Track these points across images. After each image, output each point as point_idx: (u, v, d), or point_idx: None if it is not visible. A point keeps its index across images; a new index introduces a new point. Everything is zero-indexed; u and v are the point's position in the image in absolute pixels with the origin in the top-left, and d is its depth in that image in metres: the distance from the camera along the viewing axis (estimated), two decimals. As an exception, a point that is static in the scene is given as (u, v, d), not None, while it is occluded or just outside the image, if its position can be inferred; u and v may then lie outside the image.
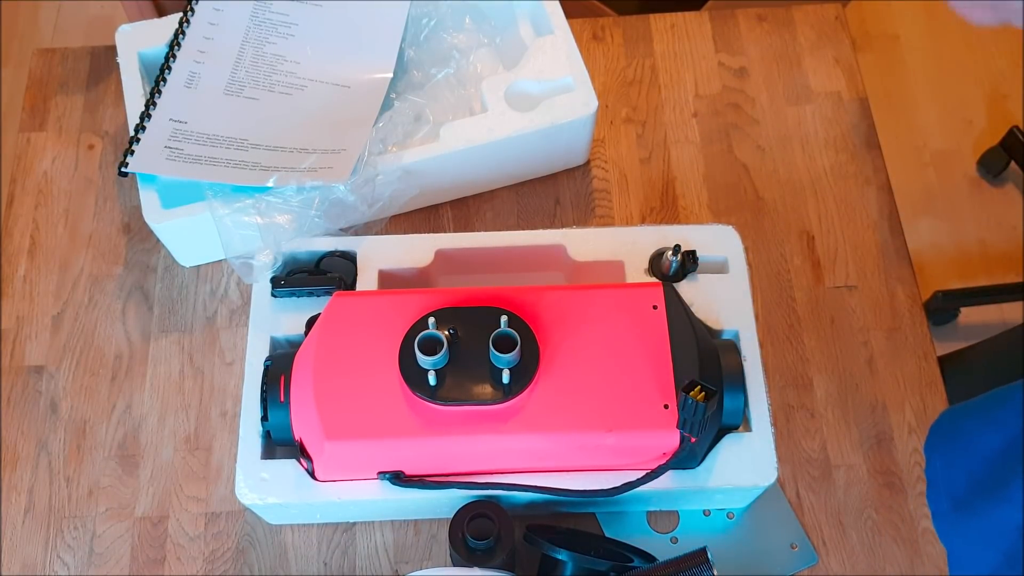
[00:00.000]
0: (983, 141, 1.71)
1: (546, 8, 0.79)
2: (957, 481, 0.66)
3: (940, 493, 0.68)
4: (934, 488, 0.68)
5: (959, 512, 0.65)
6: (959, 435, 0.67)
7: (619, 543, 0.65)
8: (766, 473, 0.63)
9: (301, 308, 0.68)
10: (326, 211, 0.70)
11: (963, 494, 0.65)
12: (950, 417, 0.70)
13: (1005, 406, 0.64)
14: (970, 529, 0.64)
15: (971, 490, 0.65)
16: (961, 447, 0.67)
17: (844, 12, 0.91)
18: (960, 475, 0.66)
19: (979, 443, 0.65)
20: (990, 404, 0.67)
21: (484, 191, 0.82)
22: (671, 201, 0.82)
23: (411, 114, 0.77)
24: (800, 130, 0.85)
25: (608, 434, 0.60)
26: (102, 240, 0.81)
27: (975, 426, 0.66)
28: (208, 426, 0.73)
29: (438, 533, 0.70)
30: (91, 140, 0.85)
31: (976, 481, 0.64)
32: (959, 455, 0.67)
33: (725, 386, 0.62)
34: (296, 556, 0.69)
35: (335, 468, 0.62)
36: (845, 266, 0.79)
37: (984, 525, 0.63)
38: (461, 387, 0.59)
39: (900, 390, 0.74)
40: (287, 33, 0.79)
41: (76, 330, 0.77)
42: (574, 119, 0.75)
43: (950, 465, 0.67)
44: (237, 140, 0.73)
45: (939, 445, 0.69)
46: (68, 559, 0.69)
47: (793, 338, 0.76)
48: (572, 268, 0.71)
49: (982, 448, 0.65)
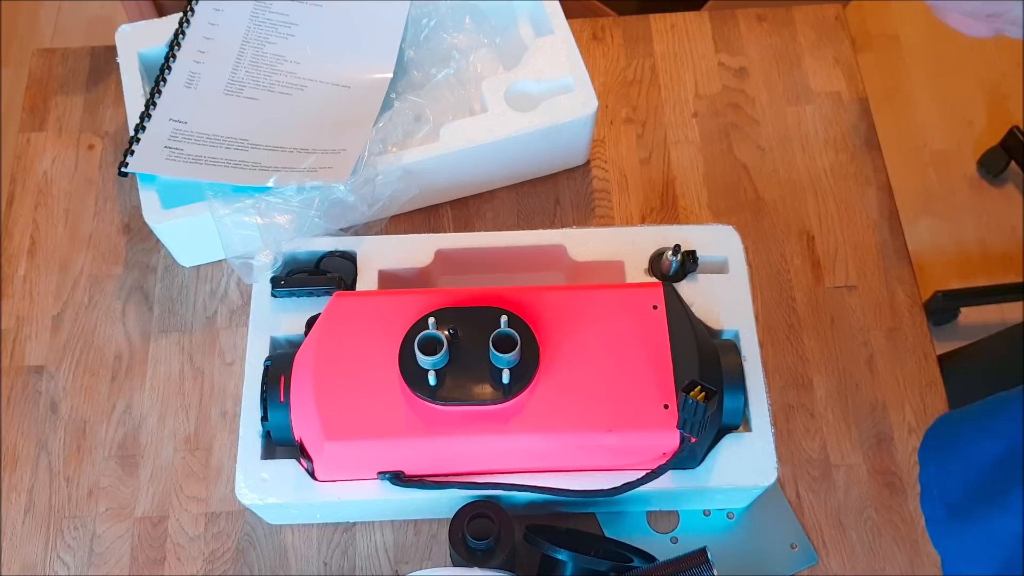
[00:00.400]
0: (983, 141, 1.71)
1: (546, 8, 0.79)
2: (953, 488, 0.66)
3: (935, 500, 0.67)
4: (928, 495, 0.68)
5: (954, 519, 0.65)
6: (956, 442, 0.67)
7: (619, 543, 0.65)
8: (766, 473, 0.63)
9: (301, 308, 0.68)
10: (326, 211, 0.70)
11: (959, 501, 0.65)
12: (946, 423, 0.70)
13: (1004, 414, 0.64)
14: (966, 537, 0.64)
15: (967, 497, 0.64)
16: (957, 454, 0.66)
17: (844, 12, 0.91)
18: (956, 482, 0.66)
19: (976, 451, 0.65)
20: (988, 411, 0.66)
21: (484, 191, 0.82)
22: (671, 201, 0.82)
23: (411, 114, 0.77)
24: (800, 130, 0.85)
25: (608, 434, 0.60)
26: (102, 240, 0.81)
27: (972, 433, 0.66)
28: (208, 426, 0.73)
29: (438, 533, 0.69)
30: (91, 140, 0.85)
31: (972, 489, 0.64)
32: (955, 462, 0.66)
33: (725, 386, 0.62)
34: (296, 556, 0.69)
35: (335, 468, 0.62)
36: (845, 266, 0.79)
37: (981, 533, 0.62)
38: (461, 387, 0.59)
39: (900, 390, 0.74)
40: (287, 33, 0.79)
41: (76, 330, 0.77)
42: (574, 119, 0.75)
43: (945, 472, 0.67)
44: (237, 140, 0.73)
45: (934, 451, 0.69)
46: (68, 559, 0.69)
47: (793, 338, 0.76)
48: (572, 268, 0.71)
49: (979, 456, 0.64)
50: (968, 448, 0.66)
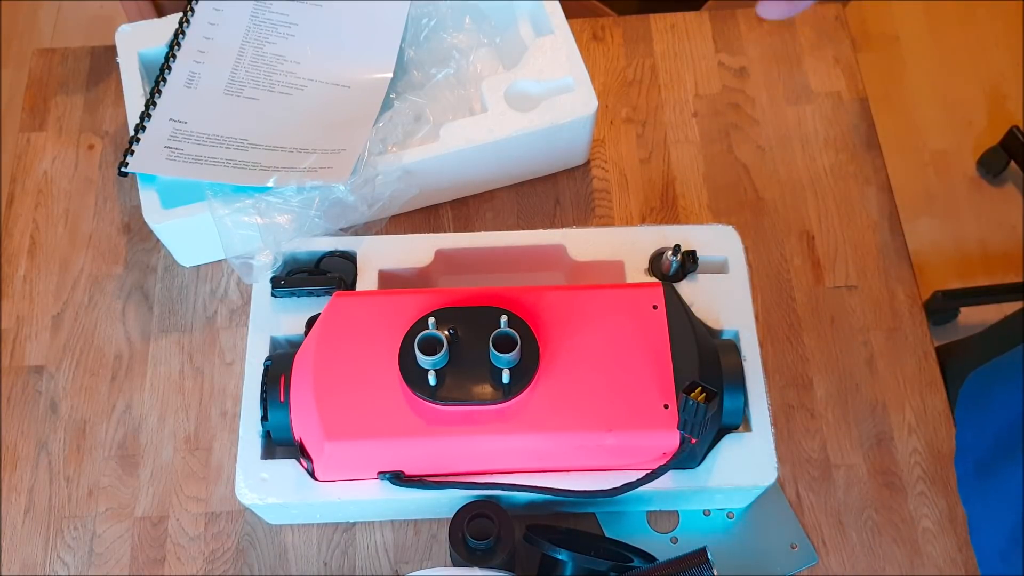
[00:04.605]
0: (983, 141, 1.72)
1: (546, 8, 0.79)
2: (984, 445, 0.66)
3: (967, 457, 0.67)
4: (962, 453, 0.67)
5: (981, 475, 0.65)
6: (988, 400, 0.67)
7: (619, 543, 0.65)
8: (766, 473, 0.63)
9: (301, 308, 0.68)
10: (326, 211, 0.70)
11: (986, 457, 0.65)
12: (979, 381, 0.69)
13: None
14: (989, 491, 0.63)
15: (994, 453, 0.64)
16: (990, 411, 0.66)
17: (844, 12, 0.91)
18: (987, 439, 0.65)
19: (1007, 406, 0.64)
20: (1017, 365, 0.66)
21: (484, 191, 0.82)
22: (671, 201, 0.82)
23: (411, 114, 0.77)
24: (800, 130, 0.85)
25: (608, 434, 0.60)
26: (102, 240, 0.81)
27: (1004, 390, 0.66)
28: (208, 426, 0.73)
29: (438, 533, 0.70)
30: (91, 140, 0.85)
31: (1000, 444, 0.64)
32: (988, 420, 0.66)
33: (725, 386, 0.62)
34: (296, 556, 0.69)
35: (335, 468, 0.62)
36: (845, 266, 0.79)
37: (1004, 487, 0.62)
38: (461, 387, 0.59)
39: (900, 390, 0.74)
40: (287, 33, 0.79)
41: (76, 330, 0.77)
42: (574, 119, 0.75)
43: (980, 430, 0.67)
44: (237, 140, 0.73)
45: (969, 410, 0.69)
46: (68, 559, 0.69)
47: (793, 338, 0.76)
48: (572, 268, 0.71)
49: (1009, 411, 0.64)
50: (1000, 404, 0.65)
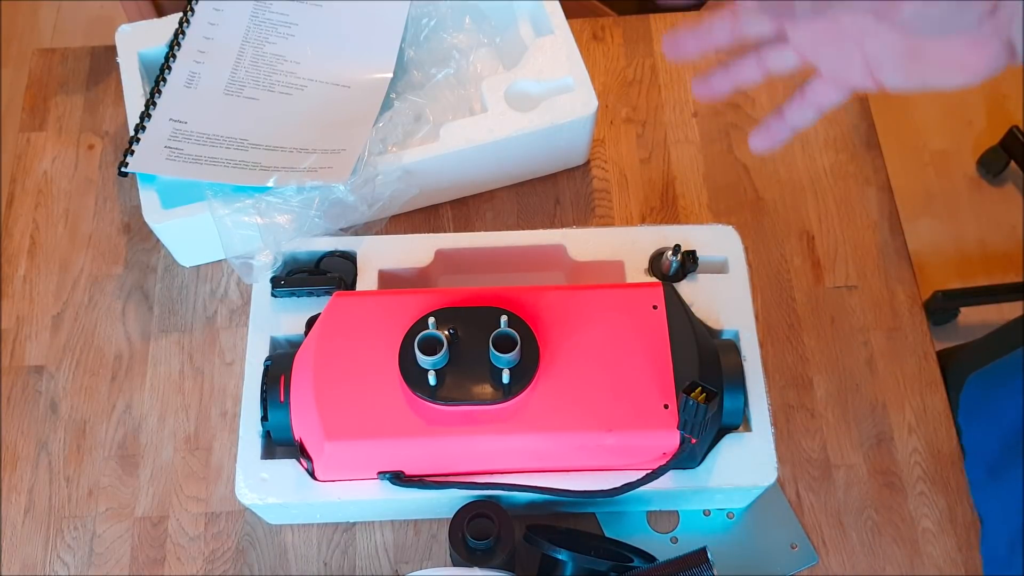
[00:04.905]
0: (983, 141, 1.71)
1: (546, 8, 0.79)
2: (990, 448, 0.66)
3: (977, 462, 0.67)
4: (972, 457, 0.68)
5: (992, 478, 0.65)
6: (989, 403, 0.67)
7: (619, 543, 0.65)
8: (766, 473, 0.63)
9: (301, 308, 0.68)
10: (326, 211, 0.70)
11: (996, 460, 0.65)
12: (979, 384, 0.70)
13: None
14: (1001, 492, 0.64)
15: (1003, 455, 0.64)
16: (992, 414, 0.66)
17: (844, 12, 0.91)
18: (994, 442, 0.66)
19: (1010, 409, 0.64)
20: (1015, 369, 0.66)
21: (484, 191, 0.82)
22: (671, 201, 0.82)
23: (411, 114, 0.77)
24: (800, 130, 0.85)
25: (608, 434, 0.60)
26: (102, 240, 0.81)
27: (1006, 394, 0.66)
28: (208, 426, 0.73)
29: (438, 533, 0.69)
30: (91, 140, 0.85)
31: (1008, 446, 0.64)
32: (993, 424, 0.66)
33: (725, 386, 0.62)
34: (296, 556, 0.69)
35: (335, 468, 0.62)
36: (845, 266, 0.79)
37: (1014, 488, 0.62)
38: (461, 387, 0.59)
39: (900, 390, 0.74)
40: (287, 33, 0.79)
41: (76, 330, 0.77)
42: (574, 119, 0.75)
43: (985, 434, 0.67)
44: (237, 140, 0.73)
45: (973, 415, 0.69)
46: (68, 559, 0.69)
47: (793, 338, 0.76)
48: (572, 268, 0.71)
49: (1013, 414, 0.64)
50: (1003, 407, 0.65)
